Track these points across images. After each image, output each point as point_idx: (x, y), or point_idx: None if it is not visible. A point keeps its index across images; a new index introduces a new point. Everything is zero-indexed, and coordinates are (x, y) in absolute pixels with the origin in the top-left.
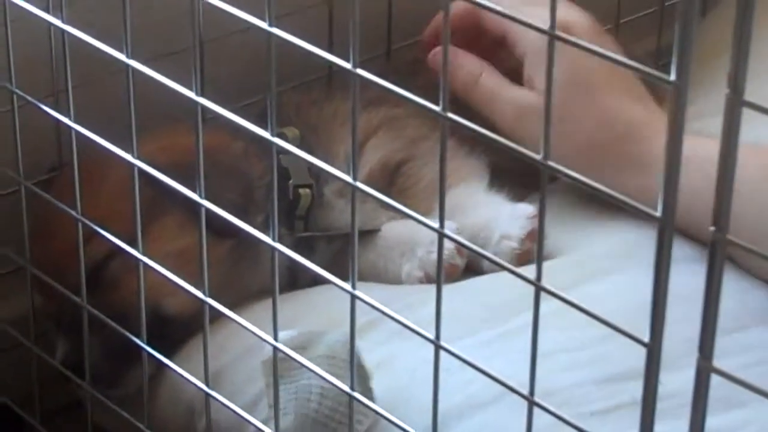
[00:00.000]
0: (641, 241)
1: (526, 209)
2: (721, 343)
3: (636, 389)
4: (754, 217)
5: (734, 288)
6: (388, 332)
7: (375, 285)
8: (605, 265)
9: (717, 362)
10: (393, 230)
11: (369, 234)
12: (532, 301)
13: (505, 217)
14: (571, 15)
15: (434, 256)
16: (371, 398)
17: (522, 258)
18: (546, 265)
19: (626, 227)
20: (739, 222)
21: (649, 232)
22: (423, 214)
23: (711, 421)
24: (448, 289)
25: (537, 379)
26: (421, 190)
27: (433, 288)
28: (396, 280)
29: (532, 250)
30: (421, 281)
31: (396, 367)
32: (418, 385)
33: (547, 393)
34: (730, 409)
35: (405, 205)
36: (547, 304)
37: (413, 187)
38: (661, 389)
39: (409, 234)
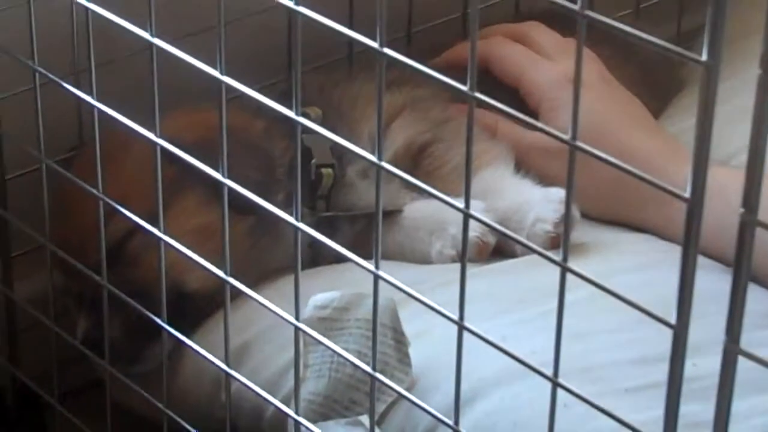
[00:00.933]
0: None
1: (559, 192)
2: (759, 335)
3: (664, 371)
4: None
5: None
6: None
7: (408, 265)
8: (642, 260)
9: (754, 352)
10: (420, 210)
11: (392, 214)
12: (568, 284)
13: (539, 201)
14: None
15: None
16: (408, 363)
17: (555, 241)
18: (582, 254)
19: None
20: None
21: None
22: (450, 196)
23: (740, 404)
24: (483, 270)
25: (575, 356)
26: (447, 172)
27: (469, 267)
28: (423, 260)
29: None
30: (453, 260)
31: (434, 337)
32: (454, 354)
33: (584, 369)
34: (758, 393)
35: (432, 187)
36: (586, 288)
37: (440, 170)
38: (695, 371)
39: (438, 213)
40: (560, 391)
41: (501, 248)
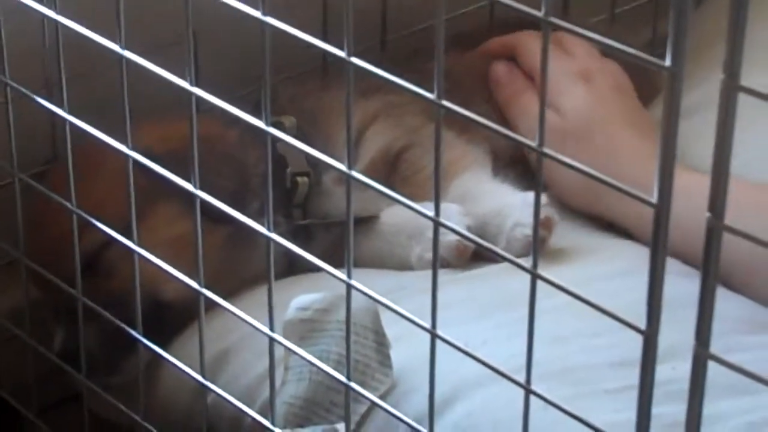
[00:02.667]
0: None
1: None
2: (736, 340)
3: None
4: (749, 248)
5: (748, 301)
6: (409, 310)
7: (388, 271)
8: (622, 265)
9: (731, 356)
10: (397, 215)
11: (368, 220)
12: (548, 289)
13: (518, 205)
14: (596, 63)
15: (445, 237)
16: (389, 365)
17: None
18: (560, 259)
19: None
20: (733, 256)
21: None
22: (427, 202)
23: (721, 405)
24: (462, 276)
25: (555, 359)
26: (424, 178)
27: (447, 273)
28: (403, 265)
29: (546, 238)
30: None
31: (414, 340)
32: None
33: (564, 371)
34: (737, 395)
35: (408, 193)
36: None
37: (416, 175)
38: (674, 374)
39: (416, 217)
40: (540, 390)
41: (480, 252)
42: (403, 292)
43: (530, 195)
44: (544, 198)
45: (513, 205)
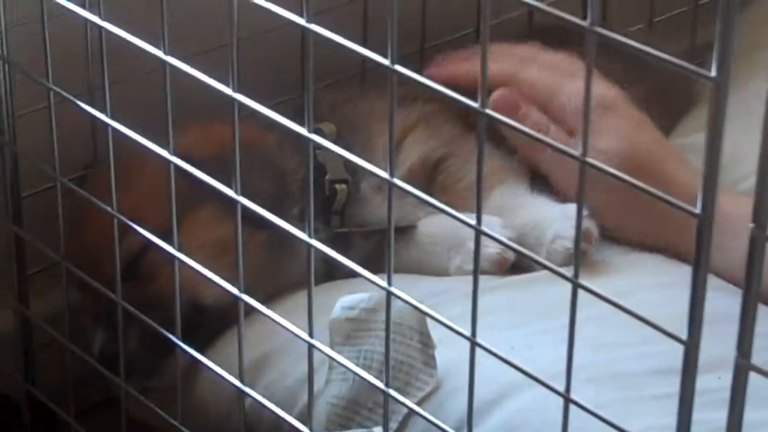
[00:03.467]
0: None
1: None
2: None
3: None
4: None
5: None
6: (452, 314)
7: (429, 277)
8: (664, 279)
9: None
10: (437, 225)
11: (406, 230)
12: (590, 298)
13: (557, 217)
14: (608, 90)
15: (486, 249)
16: (434, 366)
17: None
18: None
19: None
20: None
21: None
22: (465, 212)
23: (763, 414)
24: (503, 283)
25: (602, 364)
26: (463, 188)
27: (486, 280)
28: (441, 275)
29: (586, 250)
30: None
31: (459, 342)
32: (478, 360)
33: (613, 376)
34: None
35: (446, 202)
36: None
37: (454, 186)
38: (720, 383)
39: (456, 228)
40: (589, 394)
41: (518, 263)
42: (446, 296)
43: (569, 207)
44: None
45: (552, 218)
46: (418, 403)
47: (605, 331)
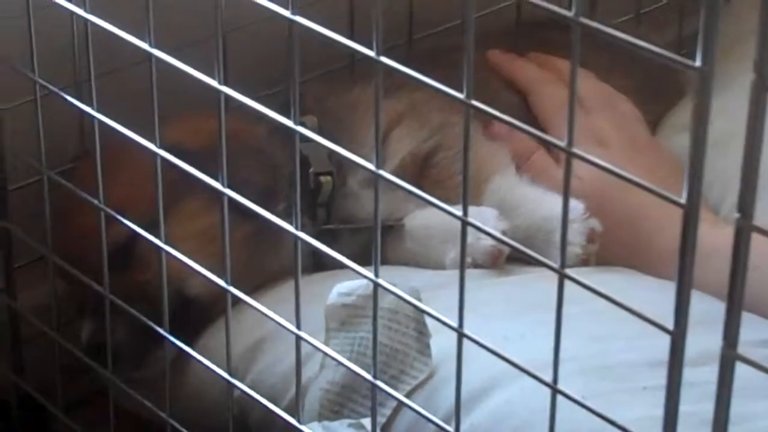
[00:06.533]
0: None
1: (579, 206)
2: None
3: (688, 373)
4: None
5: None
6: (448, 305)
7: (428, 270)
8: (663, 283)
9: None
10: (431, 218)
11: (394, 228)
12: (589, 294)
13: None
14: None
15: (482, 242)
16: (429, 355)
17: (585, 262)
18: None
19: None
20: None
21: None
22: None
23: (752, 406)
24: (500, 278)
25: (594, 355)
26: (458, 183)
27: (484, 275)
28: (437, 268)
29: (593, 251)
30: (468, 267)
31: (453, 333)
32: (472, 349)
33: (604, 367)
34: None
35: (442, 196)
36: None
37: (449, 180)
38: (711, 375)
39: (450, 221)
40: (578, 385)
41: (518, 255)
42: (441, 289)
43: (573, 205)
44: (582, 207)
45: (558, 218)
46: (412, 391)
47: (599, 325)
